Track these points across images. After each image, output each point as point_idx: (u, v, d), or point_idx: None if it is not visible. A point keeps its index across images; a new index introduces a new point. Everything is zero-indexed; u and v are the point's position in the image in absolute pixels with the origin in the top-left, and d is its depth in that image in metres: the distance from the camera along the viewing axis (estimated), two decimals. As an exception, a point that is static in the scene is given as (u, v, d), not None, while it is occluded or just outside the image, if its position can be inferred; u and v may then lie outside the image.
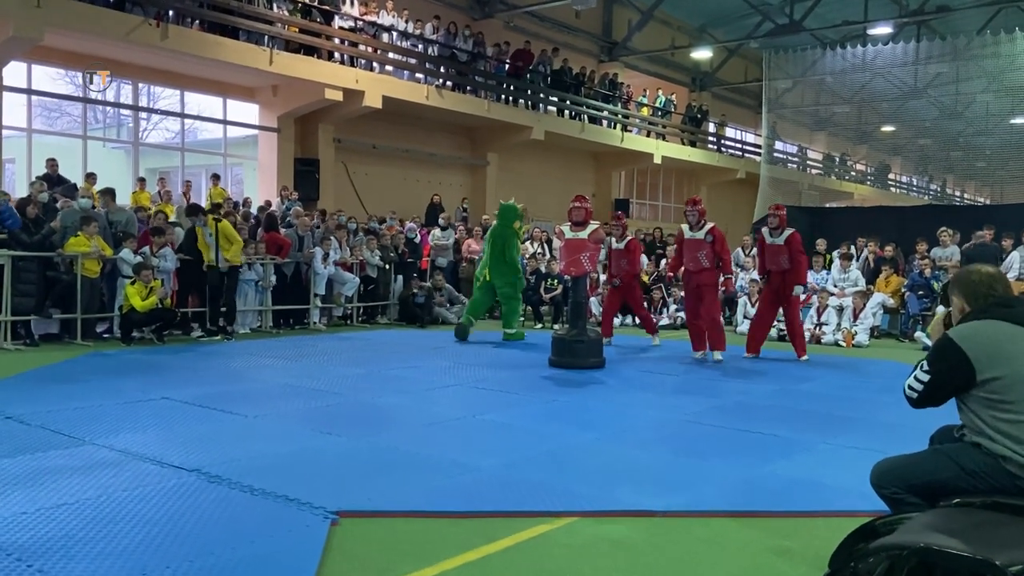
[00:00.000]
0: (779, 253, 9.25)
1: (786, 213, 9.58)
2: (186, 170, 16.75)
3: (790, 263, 9.18)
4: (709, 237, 9.12)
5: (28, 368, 7.46)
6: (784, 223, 9.37)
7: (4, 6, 11.48)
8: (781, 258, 9.23)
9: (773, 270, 9.37)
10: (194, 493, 3.91)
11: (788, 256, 9.17)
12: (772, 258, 9.35)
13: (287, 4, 15.42)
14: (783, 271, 9.26)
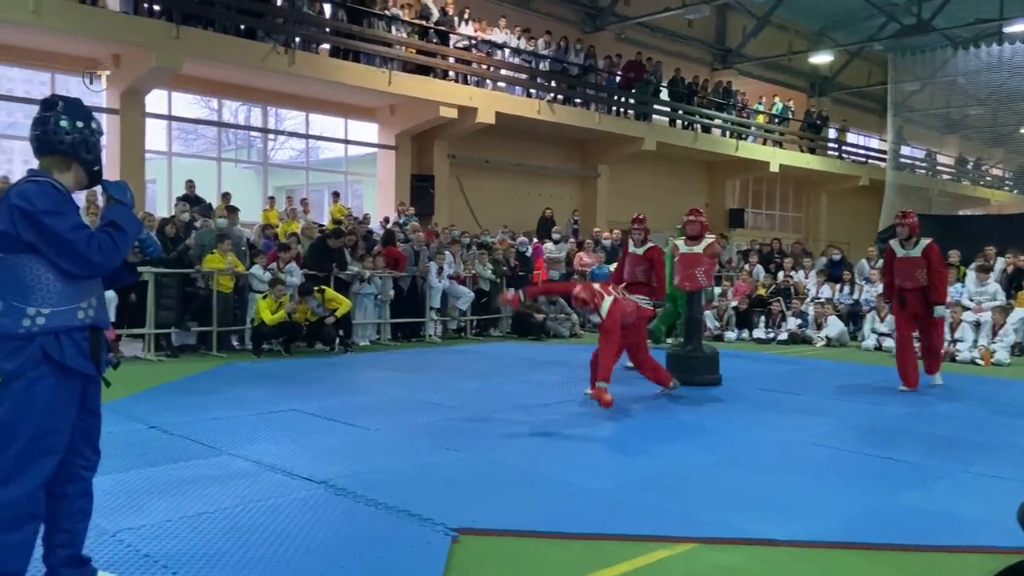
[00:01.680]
0: (914, 267, 8.09)
1: (917, 220, 8.46)
2: (310, 188, 17.56)
3: (928, 278, 8.08)
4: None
5: (169, 379, 8.00)
6: (916, 231, 8.27)
7: (148, 39, 12.42)
8: (917, 272, 8.08)
9: (908, 287, 8.18)
10: (322, 506, 4.09)
11: (926, 270, 8.07)
12: (906, 273, 8.16)
13: (405, 26, 15.94)
14: (919, 287, 8.11)
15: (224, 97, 16.22)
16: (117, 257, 2.77)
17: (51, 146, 2.79)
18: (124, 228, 2.78)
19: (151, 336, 9.55)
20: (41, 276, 2.70)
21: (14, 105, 15.29)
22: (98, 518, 3.76)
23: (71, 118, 2.82)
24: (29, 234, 2.65)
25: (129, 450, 5.05)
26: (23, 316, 2.67)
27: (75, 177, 2.85)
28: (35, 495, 2.74)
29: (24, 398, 2.68)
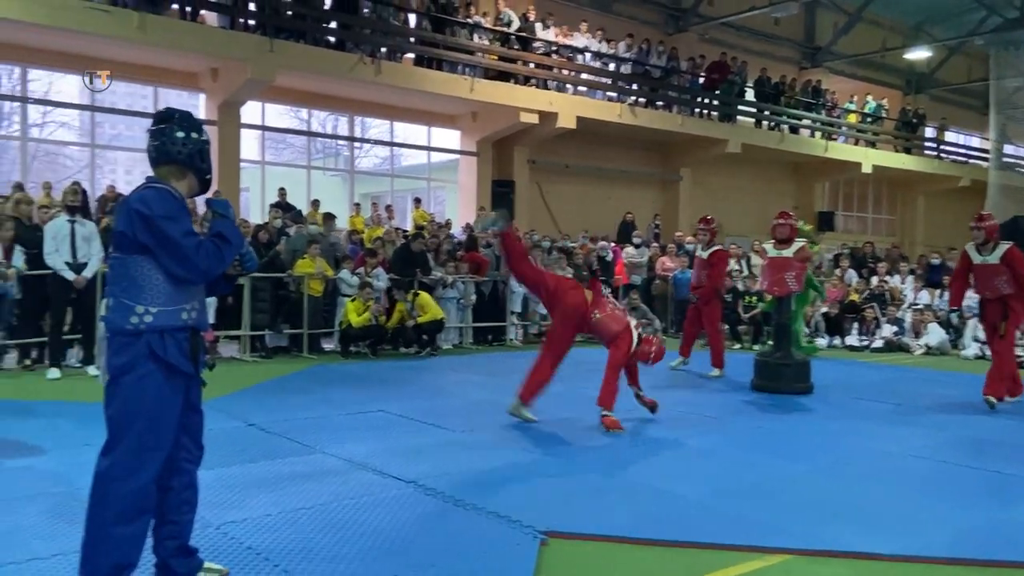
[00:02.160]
0: (994, 274, 7.53)
1: (996, 224, 7.80)
2: (394, 194, 17.93)
3: (1013, 285, 7.44)
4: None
5: (264, 379, 8.29)
6: (994, 236, 7.63)
7: (243, 52, 12.92)
8: (997, 280, 7.51)
9: (988, 296, 7.66)
10: (413, 504, 4.16)
11: (1008, 277, 7.44)
12: (985, 281, 7.64)
13: (487, 34, 16.11)
14: (1000, 296, 7.52)
15: (313, 107, 16.73)
16: (220, 265, 2.89)
17: (169, 156, 2.94)
18: (229, 240, 2.92)
19: (247, 338, 9.91)
20: (152, 277, 2.83)
21: (118, 118, 16.20)
22: (203, 511, 3.92)
23: (186, 129, 2.96)
24: (145, 236, 2.79)
25: (230, 446, 5.25)
26: (132, 313, 2.80)
27: (188, 185, 2.99)
28: (148, 488, 2.86)
29: (134, 393, 2.81)
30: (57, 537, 3.58)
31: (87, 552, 2.81)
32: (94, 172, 14.35)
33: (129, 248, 2.81)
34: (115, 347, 2.82)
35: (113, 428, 2.82)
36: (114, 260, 2.88)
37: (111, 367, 2.82)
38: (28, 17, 11.06)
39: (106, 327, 2.85)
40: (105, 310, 2.89)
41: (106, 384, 2.86)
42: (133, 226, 2.79)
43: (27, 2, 11.05)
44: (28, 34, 11.86)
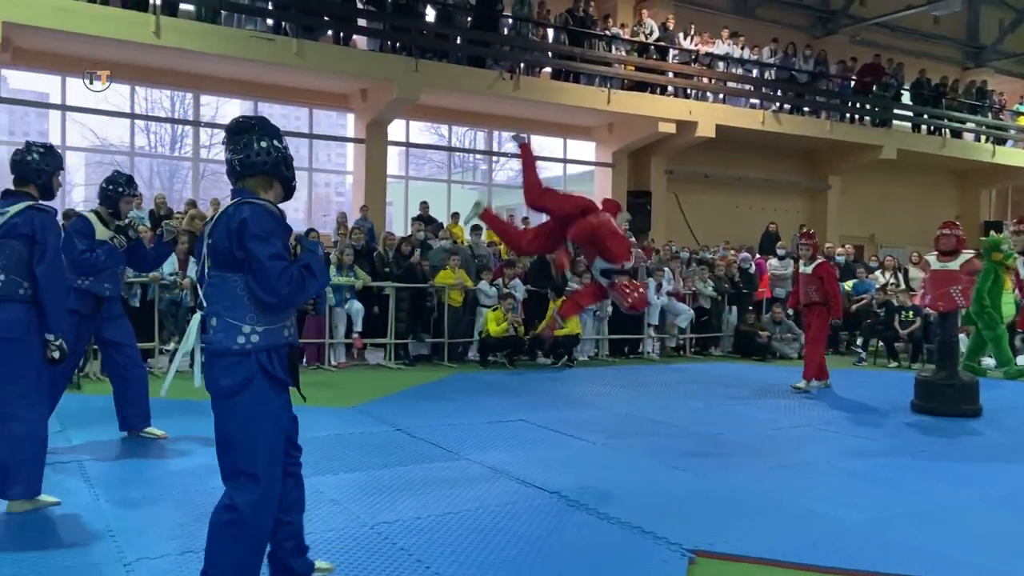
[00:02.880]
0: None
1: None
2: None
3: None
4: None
5: (408, 386, 8.58)
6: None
7: (390, 73, 13.50)
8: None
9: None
10: (556, 515, 4.18)
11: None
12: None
13: (625, 45, 16.06)
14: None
15: (453, 123, 17.23)
16: (301, 296, 2.80)
17: (254, 167, 2.86)
18: (315, 274, 2.83)
19: (391, 346, 10.30)
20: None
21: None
22: (358, 510, 4.13)
23: (268, 138, 2.88)
24: (240, 253, 2.74)
25: (381, 450, 5.48)
26: (238, 333, 2.75)
27: (275, 194, 2.93)
28: (275, 499, 2.87)
29: (252, 411, 2.78)
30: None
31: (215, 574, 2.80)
32: (255, 189, 15.36)
33: (231, 266, 2.77)
34: (223, 367, 2.77)
35: (233, 448, 2.79)
36: (214, 277, 2.81)
37: (222, 388, 2.78)
38: (203, 48, 12.04)
39: (211, 347, 2.78)
40: (207, 329, 2.80)
41: (216, 405, 2.83)
42: (231, 242, 2.74)
43: (203, 34, 12.05)
44: (201, 63, 12.90)
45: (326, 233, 12.43)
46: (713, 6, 18.86)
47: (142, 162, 16.07)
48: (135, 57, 12.54)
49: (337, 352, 10.05)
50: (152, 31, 11.49)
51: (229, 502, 2.77)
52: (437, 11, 14.38)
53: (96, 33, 11.30)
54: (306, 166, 16.00)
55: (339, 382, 8.76)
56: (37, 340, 4.01)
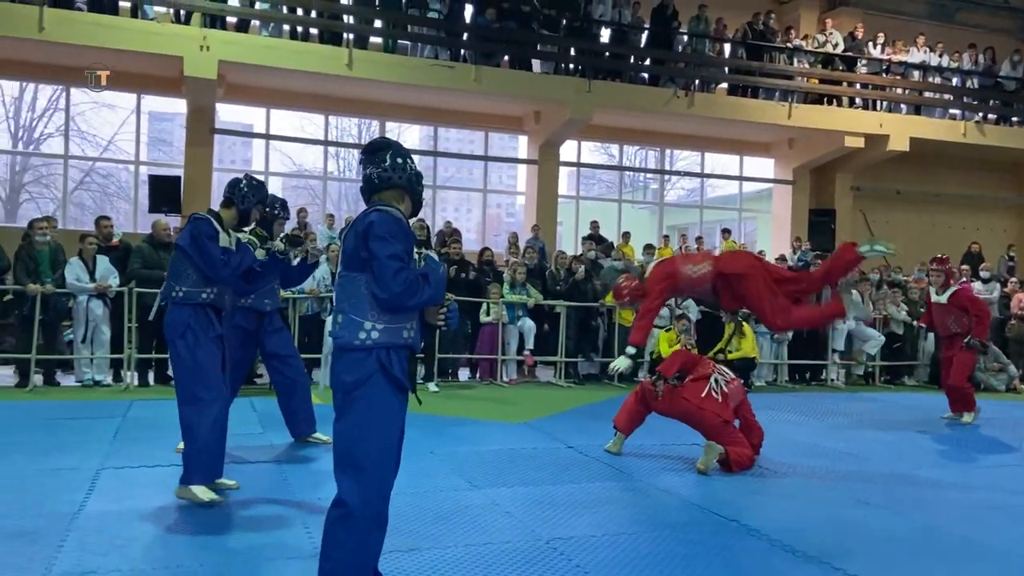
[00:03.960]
0: None
1: None
2: (703, 225, 17.73)
3: None
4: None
5: (577, 404, 8.60)
6: None
7: (563, 94, 13.72)
8: None
9: None
10: (735, 543, 4.02)
11: None
12: None
13: (808, 57, 15.38)
14: None
15: (624, 142, 17.20)
16: (413, 300, 2.83)
17: (390, 182, 3.01)
18: (431, 284, 2.88)
19: (561, 364, 10.38)
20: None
21: (450, 160, 17.99)
22: (533, 525, 4.18)
23: (403, 157, 3.05)
24: (364, 253, 2.86)
25: (554, 466, 5.53)
26: (360, 329, 2.85)
27: (406, 208, 3.05)
28: (385, 496, 2.91)
29: (368, 406, 2.85)
30: (414, 533, 3.99)
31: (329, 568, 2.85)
32: (435, 209, 16.09)
33: (357, 266, 2.89)
34: (347, 364, 2.87)
35: (345, 441, 2.86)
36: (343, 278, 2.95)
37: (343, 383, 2.87)
38: (390, 77, 12.82)
39: (335, 343, 2.91)
40: (333, 326, 2.95)
41: (338, 399, 2.92)
42: (357, 244, 2.87)
43: (390, 65, 12.85)
44: (387, 91, 13.70)
45: (499, 252, 12.74)
46: (907, 12, 17.67)
47: (332, 185, 17.29)
48: (329, 88, 13.55)
49: (509, 368, 10.26)
50: (345, 63, 12.38)
51: (339, 497, 2.84)
52: (611, 31, 14.45)
53: (296, 67, 12.33)
54: (480, 187, 16.56)
55: (511, 398, 8.93)
56: (200, 338, 4.36)
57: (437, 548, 3.76)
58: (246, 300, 5.48)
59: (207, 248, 4.38)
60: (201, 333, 4.39)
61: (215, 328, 4.46)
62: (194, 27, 11.77)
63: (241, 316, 5.48)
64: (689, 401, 5.66)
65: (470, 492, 4.80)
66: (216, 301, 4.49)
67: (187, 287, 4.43)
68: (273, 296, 5.77)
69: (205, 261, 4.38)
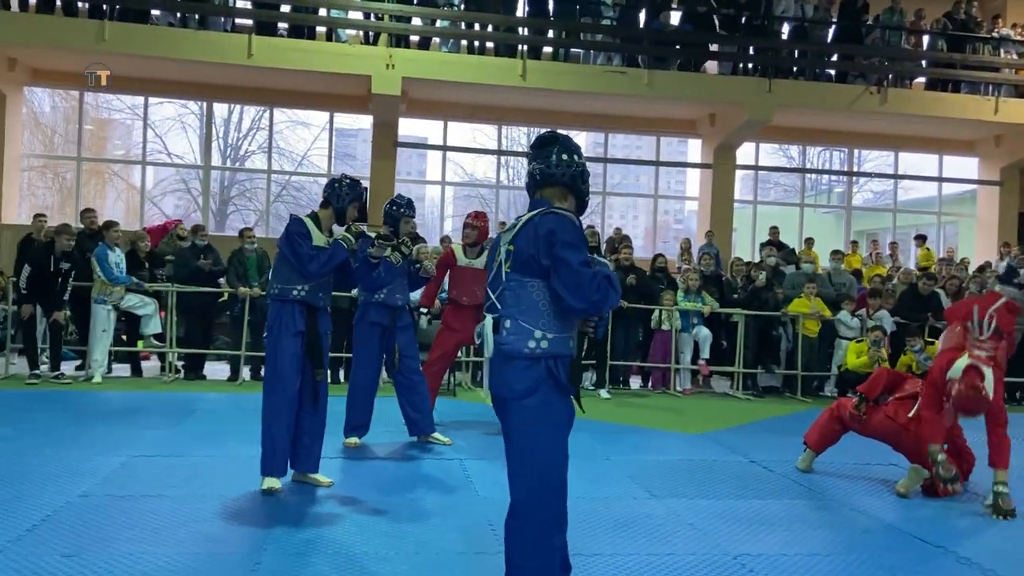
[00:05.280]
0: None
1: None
2: (897, 231, 16.49)
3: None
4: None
5: (758, 418, 8.23)
6: None
7: (742, 96, 13.25)
8: None
9: None
10: (941, 571, 3.68)
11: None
12: None
13: (1016, 46, 13.96)
14: None
15: (806, 143, 16.35)
16: (604, 303, 2.75)
17: (553, 178, 2.91)
18: (615, 287, 2.78)
19: (739, 375, 10.00)
20: (550, 302, 2.80)
21: (617, 166, 17.85)
22: (718, 538, 4.05)
23: (569, 152, 2.94)
24: (548, 260, 2.76)
25: (736, 480, 5.32)
26: (530, 338, 2.77)
27: (570, 206, 2.94)
28: (558, 502, 2.85)
29: (539, 413, 2.80)
30: (595, 538, 3.97)
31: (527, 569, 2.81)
32: (604, 216, 16.06)
33: (530, 271, 2.80)
34: (516, 371, 2.80)
35: (524, 450, 2.81)
36: (513, 282, 2.84)
37: (514, 391, 2.81)
38: (563, 86, 12.93)
39: (501, 349, 2.82)
40: (498, 331, 2.84)
41: (505, 406, 2.87)
42: (538, 249, 2.77)
43: (562, 73, 12.96)
44: (559, 100, 13.80)
45: (670, 259, 12.49)
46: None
47: (503, 193, 17.66)
48: (502, 99, 13.87)
49: (683, 378, 10.01)
50: (519, 74, 12.63)
51: (517, 505, 2.81)
52: (792, 28, 13.82)
53: (473, 80, 12.73)
54: (649, 192, 16.34)
55: (685, 408, 8.71)
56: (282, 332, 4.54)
57: (620, 555, 3.71)
58: (379, 295, 5.67)
59: (297, 244, 4.52)
60: (283, 328, 4.54)
61: (296, 324, 4.56)
62: (381, 47, 12.46)
63: (376, 311, 5.70)
64: (895, 421, 5.25)
65: (649, 501, 4.72)
66: (308, 298, 4.60)
67: (281, 284, 4.62)
68: (404, 292, 5.83)
69: (295, 257, 4.52)
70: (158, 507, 4.15)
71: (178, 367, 9.18)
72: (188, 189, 18.14)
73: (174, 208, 18.38)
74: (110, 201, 16.37)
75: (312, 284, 4.61)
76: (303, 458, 4.73)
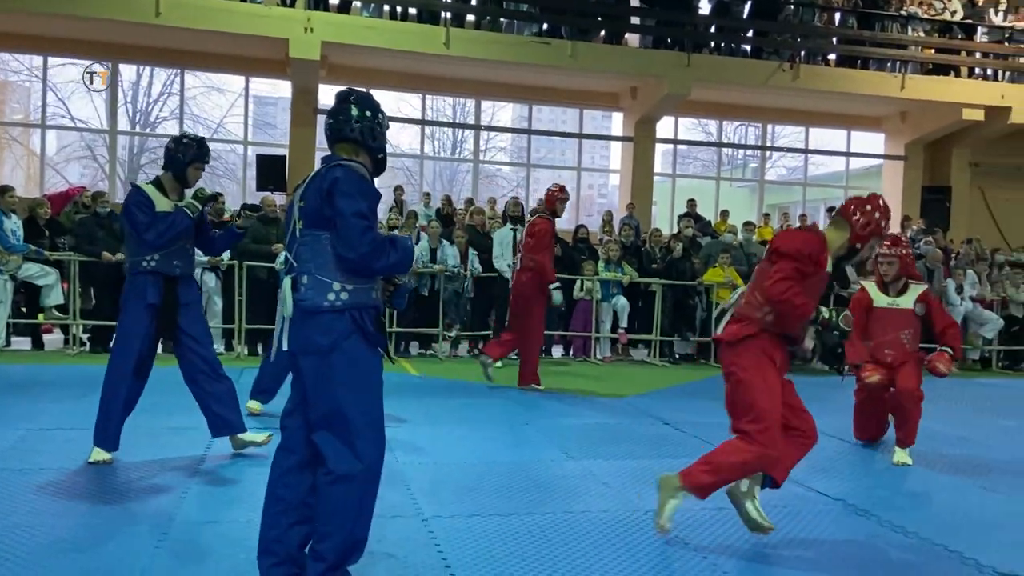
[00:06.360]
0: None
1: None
2: (807, 204, 17.09)
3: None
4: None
5: (673, 383, 8.47)
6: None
7: (662, 69, 13.42)
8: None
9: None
10: (842, 522, 3.91)
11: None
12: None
13: (923, 25, 14.56)
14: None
15: (723, 118, 16.72)
16: (379, 261, 2.73)
17: (342, 134, 2.90)
18: (398, 250, 2.78)
19: (656, 343, 10.24)
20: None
21: (543, 139, 17.90)
22: (630, 495, 4.17)
23: (361, 108, 2.92)
24: (329, 211, 2.73)
25: (650, 441, 5.49)
26: (329, 290, 2.73)
27: (366, 164, 2.92)
28: (383, 456, 2.81)
29: (350, 367, 2.74)
30: (512, 498, 4.03)
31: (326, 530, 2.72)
32: (528, 188, 16.11)
33: (321, 224, 2.77)
34: (319, 327, 2.73)
35: (336, 406, 2.72)
36: (307, 237, 2.81)
37: (317, 346, 2.73)
38: (486, 55, 12.82)
39: (300, 305, 2.75)
40: (296, 287, 2.77)
41: (309, 364, 2.77)
42: (321, 201, 2.75)
43: (486, 43, 12.85)
44: (482, 70, 13.74)
45: (593, 231, 12.64)
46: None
47: (428, 164, 17.51)
48: (426, 68, 13.68)
49: (603, 346, 10.19)
50: (443, 42, 12.47)
51: (333, 462, 2.71)
52: (712, 3, 14.04)
53: (395, 47, 12.50)
54: (573, 165, 16.46)
55: (605, 375, 8.88)
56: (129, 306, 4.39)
57: (536, 514, 3.78)
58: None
59: (131, 214, 4.32)
60: (134, 301, 4.38)
61: (147, 296, 4.36)
62: (299, 9, 12.09)
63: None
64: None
65: (567, 463, 4.81)
66: (161, 268, 4.39)
67: (131, 256, 4.47)
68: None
69: (132, 226, 4.33)
70: (56, 479, 4.01)
71: (83, 340, 8.82)
72: (95, 156, 17.34)
73: (80, 176, 17.53)
74: (8, 168, 15.49)
75: (163, 253, 4.39)
76: (221, 425, 4.60)
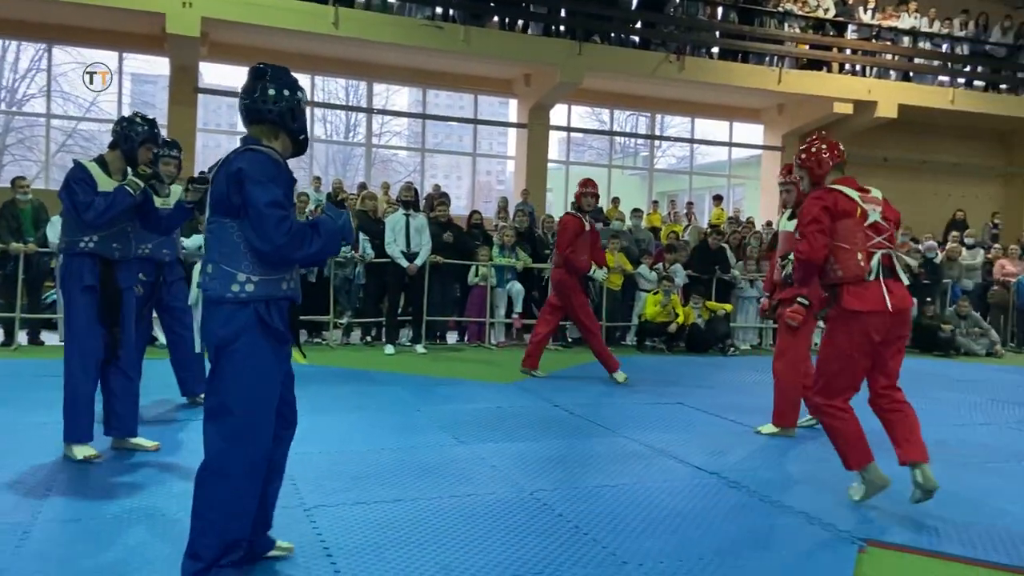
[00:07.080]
0: None
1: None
2: (693, 192, 17.73)
3: None
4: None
5: (565, 366, 8.65)
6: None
7: (555, 57, 13.61)
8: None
9: None
10: (715, 494, 4.10)
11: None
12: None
13: (799, 21, 15.30)
14: None
15: (615, 107, 17.11)
16: (300, 252, 2.65)
17: (259, 115, 2.78)
18: (322, 235, 2.70)
19: (548, 327, 10.42)
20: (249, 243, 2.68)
21: (440, 125, 17.87)
22: (517, 477, 4.25)
23: (278, 87, 2.79)
24: (237, 199, 2.63)
25: (539, 423, 5.59)
26: (233, 281, 2.65)
27: (282, 145, 2.83)
28: (261, 453, 2.74)
29: (245, 361, 2.67)
30: (399, 485, 4.05)
31: (200, 527, 2.67)
32: (424, 174, 16.00)
33: (227, 212, 2.67)
34: (220, 318, 2.67)
35: (220, 398, 2.69)
36: (214, 224, 2.71)
37: (217, 337, 2.68)
38: (377, 37, 12.65)
39: (205, 295, 2.69)
40: (202, 276, 2.71)
41: (211, 355, 2.73)
42: (228, 188, 2.64)
43: (377, 24, 12.67)
44: (374, 52, 13.54)
45: (488, 217, 12.71)
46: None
47: (319, 147, 17.13)
48: (316, 48, 13.37)
49: (497, 331, 10.30)
50: (331, 22, 12.21)
51: (210, 454, 2.69)
52: (603, -7, 14.31)
53: (281, 25, 12.15)
54: (470, 151, 16.47)
55: (499, 360, 8.98)
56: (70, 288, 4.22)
57: (423, 499, 3.81)
58: (144, 249, 4.80)
59: (72, 192, 4.14)
60: (72, 284, 4.21)
61: (85, 278, 4.20)
62: (177, -17, 11.57)
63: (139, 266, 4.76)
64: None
65: (456, 447, 4.86)
66: (99, 250, 4.22)
67: (68, 237, 4.27)
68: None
69: (72, 205, 4.14)
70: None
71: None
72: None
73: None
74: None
75: (102, 235, 4.21)
76: (115, 423, 4.39)
